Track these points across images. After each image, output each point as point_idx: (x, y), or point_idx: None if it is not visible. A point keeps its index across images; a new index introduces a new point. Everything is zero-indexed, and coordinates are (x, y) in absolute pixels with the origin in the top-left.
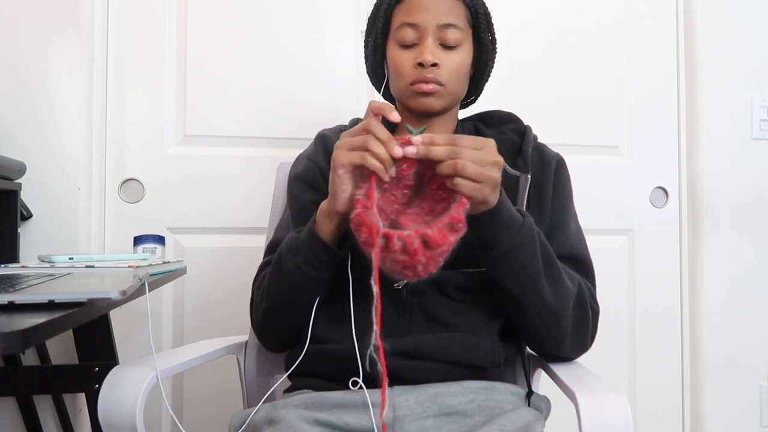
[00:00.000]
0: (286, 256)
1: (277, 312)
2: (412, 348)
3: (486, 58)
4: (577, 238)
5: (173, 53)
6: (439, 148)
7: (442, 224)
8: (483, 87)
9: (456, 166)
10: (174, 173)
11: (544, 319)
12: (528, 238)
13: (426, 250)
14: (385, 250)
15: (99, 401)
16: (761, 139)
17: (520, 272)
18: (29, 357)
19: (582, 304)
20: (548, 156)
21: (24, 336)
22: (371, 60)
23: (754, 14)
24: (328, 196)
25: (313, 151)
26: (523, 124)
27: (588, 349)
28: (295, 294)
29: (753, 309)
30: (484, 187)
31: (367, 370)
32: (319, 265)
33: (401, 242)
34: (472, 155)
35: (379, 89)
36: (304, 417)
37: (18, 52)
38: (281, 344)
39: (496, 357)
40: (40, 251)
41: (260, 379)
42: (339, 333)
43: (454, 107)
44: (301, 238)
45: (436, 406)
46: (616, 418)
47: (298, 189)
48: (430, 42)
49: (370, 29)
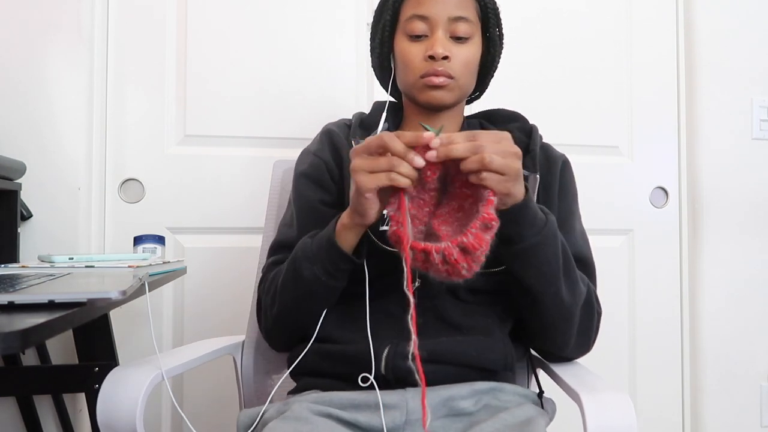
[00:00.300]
0: (302, 264)
1: (291, 317)
2: (430, 352)
3: (494, 53)
4: (582, 240)
5: (173, 53)
6: (461, 145)
7: (476, 228)
8: (489, 82)
9: (482, 161)
10: (174, 173)
11: (558, 318)
12: (552, 234)
13: (465, 256)
14: (426, 263)
15: (98, 404)
16: (761, 139)
17: (544, 268)
18: (29, 357)
19: (589, 305)
20: (554, 156)
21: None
22: (378, 52)
23: (754, 15)
24: (351, 211)
25: (319, 147)
26: (528, 123)
27: (590, 350)
28: (310, 301)
29: (753, 309)
30: (509, 179)
31: (381, 371)
32: (338, 274)
33: (440, 255)
34: (494, 148)
35: (386, 82)
36: (316, 410)
37: (18, 52)
38: (291, 345)
39: (508, 359)
40: (40, 251)
41: (257, 379)
42: (351, 333)
43: (462, 102)
44: (317, 246)
45: (447, 409)
46: (621, 418)
47: (304, 186)
48: (441, 34)
49: (377, 21)
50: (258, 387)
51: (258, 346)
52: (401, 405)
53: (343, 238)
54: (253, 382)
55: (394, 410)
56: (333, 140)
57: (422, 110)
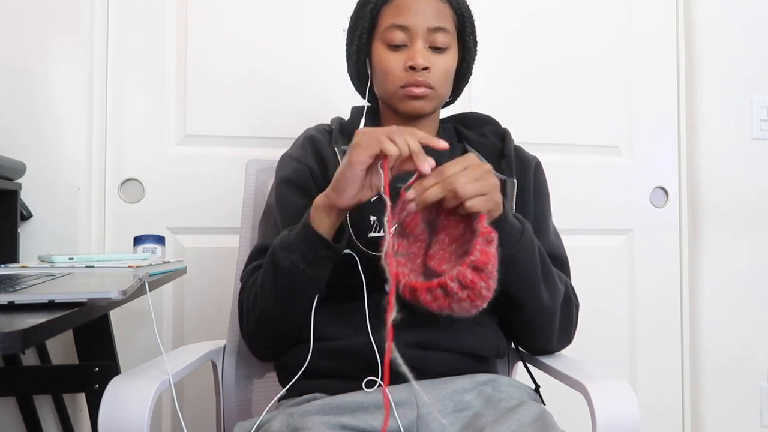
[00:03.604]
0: (279, 254)
1: (273, 315)
2: (428, 339)
3: (469, 60)
4: (556, 237)
5: (173, 53)
6: (434, 189)
7: (480, 244)
8: (463, 89)
9: (458, 194)
10: (174, 173)
11: (541, 318)
12: (529, 241)
13: (479, 273)
14: (448, 298)
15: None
16: (761, 139)
17: (523, 275)
18: (29, 357)
19: (568, 300)
20: (527, 159)
21: (24, 336)
22: (355, 59)
23: (755, 14)
24: (329, 190)
25: (302, 153)
26: (501, 126)
27: (572, 341)
28: (291, 294)
29: (753, 309)
30: (491, 195)
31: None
32: (316, 261)
33: (455, 282)
34: (465, 176)
35: (363, 88)
36: (329, 423)
37: (18, 52)
38: (275, 350)
39: (500, 347)
40: (40, 251)
41: (239, 385)
42: (347, 330)
43: (438, 109)
44: (294, 235)
45: (453, 403)
46: (625, 404)
47: (289, 193)
48: (420, 45)
49: (353, 27)
50: (239, 394)
51: (239, 351)
52: (410, 401)
53: (318, 222)
54: (234, 388)
55: (405, 407)
56: (316, 147)
57: (400, 117)
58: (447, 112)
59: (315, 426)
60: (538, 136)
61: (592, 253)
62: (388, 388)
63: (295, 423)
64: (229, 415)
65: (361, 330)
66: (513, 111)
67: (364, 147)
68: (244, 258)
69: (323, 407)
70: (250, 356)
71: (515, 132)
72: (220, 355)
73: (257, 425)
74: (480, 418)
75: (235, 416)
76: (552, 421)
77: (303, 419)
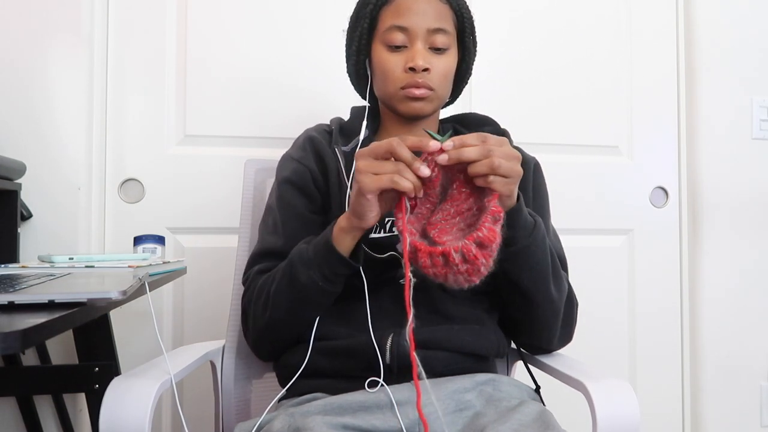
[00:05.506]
0: (298, 269)
1: (283, 324)
2: (428, 339)
3: (468, 61)
4: (555, 237)
5: (173, 53)
6: (473, 148)
7: (488, 222)
8: (462, 90)
9: (491, 165)
10: (174, 173)
11: (548, 314)
12: (541, 235)
13: (482, 250)
14: (446, 267)
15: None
16: (761, 139)
17: (536, 268)
18: (29, 357)
19: (570, 300)
20: (527, 159)
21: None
22: (354, 59)
23: (755, 14)
24: (350, 213)
25: (303, 154)
26: (500, 127)
27: (572, 340)
28: (305, 307)
29: (753, 309)
30: (512, 182)
31: (386, 362)
32: (335, 279)
33: (459, 254)
34: (502, 152)
35: (362, 88)
36: (331, 424)
37: (18, 52)
38: (278, 352)
39: (500, 347)
40: (40, 251)
41: (238, 385)
42: (348, 329)
43: (438, 110)
44: (314, 251)
45: (454, 402)
46: (626, 403)
47: (289, 194)
48: (420, 46)
49: (353, 28)
50: (238, 394)
51: (239, 351)
52: (412, 400)
53: (341, 242)
54: (234, 388)
55: (406, 406)
56: (316, 147)
57: (400, 118)
58: (447, 112)
59: (317, 426)
60: (537, 136)
61: (592, 253)
62: (389, 388)
63: (297, 423)
64: (228, 415)
65: (362, 329)
66: (512, 111)
67: (373, 181)
68: (242, 257)
69: (324, 407)
70: (250, 356)
71: (515, 132)
72: (219, 355)
73: (258, 425)
74: (481, 418)
75: (235, 416)
76: (553, 421)
77: (304, 419)
